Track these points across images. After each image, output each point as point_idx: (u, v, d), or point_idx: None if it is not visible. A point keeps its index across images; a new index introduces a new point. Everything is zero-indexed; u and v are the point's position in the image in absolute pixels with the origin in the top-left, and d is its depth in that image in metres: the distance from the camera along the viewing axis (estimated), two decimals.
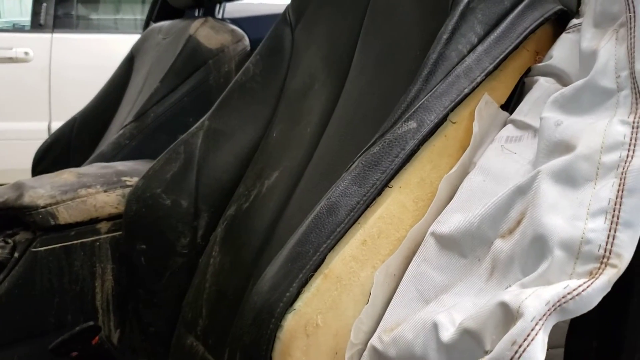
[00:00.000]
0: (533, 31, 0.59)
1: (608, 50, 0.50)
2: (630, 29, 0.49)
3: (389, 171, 0.55)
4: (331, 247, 0.52)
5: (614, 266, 0.40)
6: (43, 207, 0.96)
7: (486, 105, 0.58)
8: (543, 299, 0.38)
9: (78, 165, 1.31)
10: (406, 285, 0.53)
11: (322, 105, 0.82)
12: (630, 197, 0.42)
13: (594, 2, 0.54)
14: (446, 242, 0.52)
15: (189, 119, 1.36)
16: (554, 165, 0.47)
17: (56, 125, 1.87)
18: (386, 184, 0.55)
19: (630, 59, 0.48)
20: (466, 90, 0.57)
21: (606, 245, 0.41)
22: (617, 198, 0.42)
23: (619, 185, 0.43)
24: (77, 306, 0.99)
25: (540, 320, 0.38)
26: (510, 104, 0.61)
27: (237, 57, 1.44)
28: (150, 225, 0.87)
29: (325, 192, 0.57)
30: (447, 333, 0.45)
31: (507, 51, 0.58)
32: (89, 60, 2.53)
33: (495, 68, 0.58)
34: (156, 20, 1.77)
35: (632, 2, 0.49)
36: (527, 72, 0.62)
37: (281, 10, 0.95)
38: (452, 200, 0.56)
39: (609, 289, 0.39)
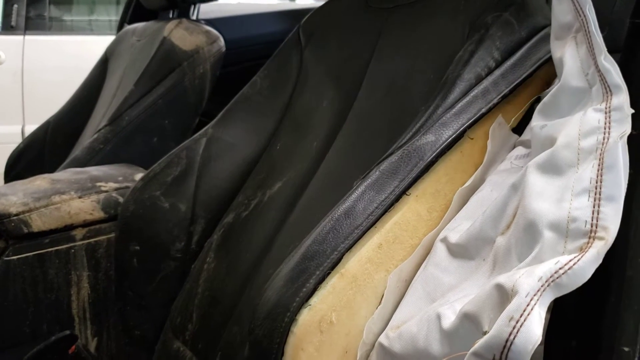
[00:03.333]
0: (546, 62, 0.68)
1: (571, 53, 0.58)
2: (585, 30, 0.56)
3: (407, 180, 0.61)
4: (348, 248, 0.58)
5: (601, 239, 0.44)
6: (15, 215, 0.98)
7: (499, 126, 0.67)
8: (535, 275, 0.43)
9: (52, 170, 1.33)
10: (414, 287, 0.59)
11: (330, 121, 0.88)
12: (610, 173, 0.47)
13: (552, 22, 0.63)
14: (454, 247, 0.58)
15: (164, 121, 1.42)
16: (539, 158, 0.53)
17: (30, 128, 1.88)
18: (404, 191, 0.61)
19: (592, 55, 0.55)
20: (483, 110, 0.64)
21: (592, 220, 0.45)
22: (597, 176, 0.47)
23: (599, 165, 0.48)
24: (52, 315, 1.00)
25: (534, 295, 0.42)
26: (520, 128, 0.69)
27: (212, 59, 1.48)
28: (146, 227, 0.91)
29: (330, 204, 0.62)
30: (448, 321, 0.49)
31: (522, 77, 0.66)
32: (62, 62, 2.56)
33: (511, 92, 0.66)
34: (130, 22, 1.82)
35: (581, 7, 0.57)
36: (537, 100, 0.70)
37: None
38: (461, 211, 0.62)
39: (600, 261, 0.43)
